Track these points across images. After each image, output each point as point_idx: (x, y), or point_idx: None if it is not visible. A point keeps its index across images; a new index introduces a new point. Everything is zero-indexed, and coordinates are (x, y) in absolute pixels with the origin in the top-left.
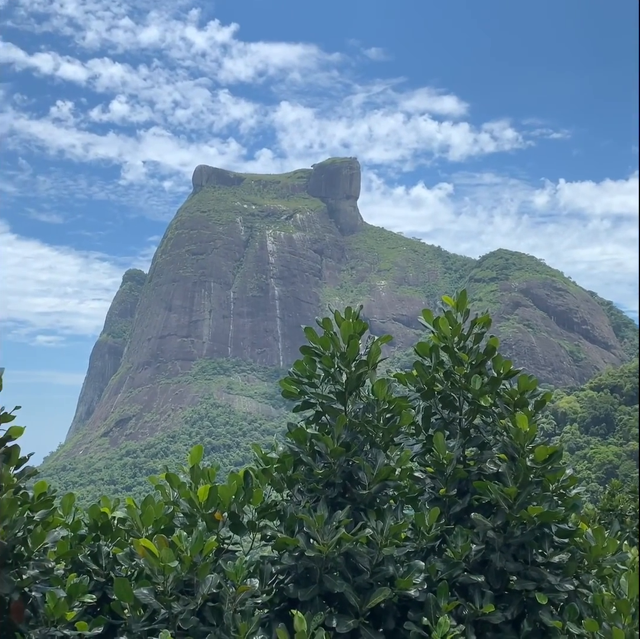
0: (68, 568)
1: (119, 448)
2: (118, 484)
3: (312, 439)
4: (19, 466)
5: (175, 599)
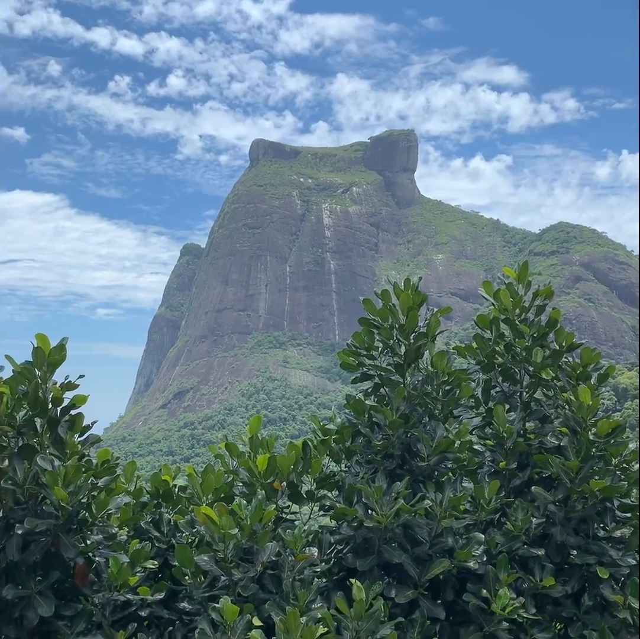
0: (130, 534)
1: (177, 420)
2: (176, 455)
3: (371, 410)
4: (83, 434)
5: (235, 567)
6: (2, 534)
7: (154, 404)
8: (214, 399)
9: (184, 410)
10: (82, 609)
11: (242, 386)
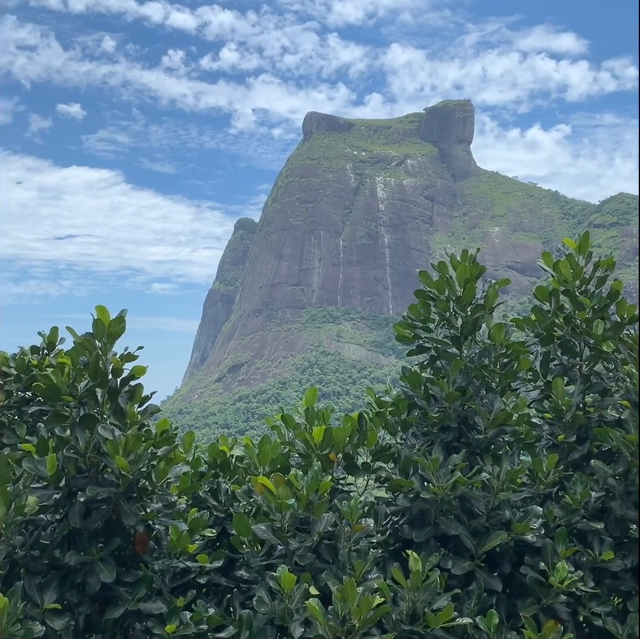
0: (189, 503)
1: (232, 393)
2: (232, 428)
3: (427, 383)
4: (142, 404)
5: (292, 536)
6: (64, 501)
7: (209, 377)
8: (268, 373)
9: (239, 384)
10: (143, 576)
11: (295, 360)
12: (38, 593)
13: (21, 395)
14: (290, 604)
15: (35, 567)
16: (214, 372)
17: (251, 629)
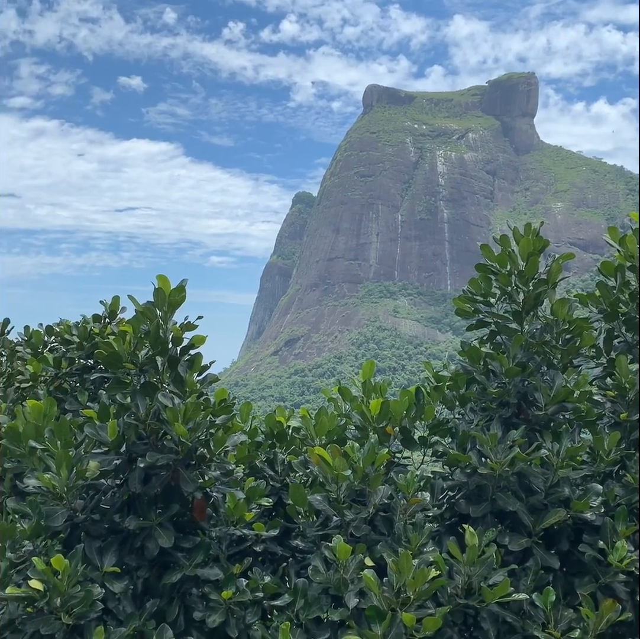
0: (246, 472)
1: (287, 367)
2: (287, 401)
3: (486, 358)
4: (201, 373)
5: (348, 507)
6: (125, 467)
7: (266, 350)
8: (324, 347)
9: (295, 357)
10: (200, 542)
11: (352, 335)
12: (98, 556)
13: (83, 363)
14: (345, 575)
15: (95, 531)
16: (270, 346)
17: (306, 598)
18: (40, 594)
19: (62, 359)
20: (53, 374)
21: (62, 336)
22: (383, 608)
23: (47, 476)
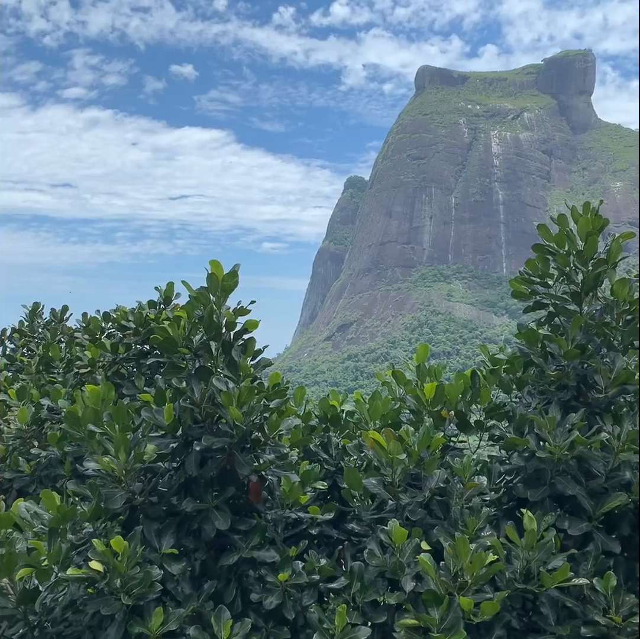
0: (300, 456)
1: (340, 352)
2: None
3: (544, 340)
4: (255, 358)
5: (403, 491)
6: (181, 450)
7: (319, 336)
8: (377, 332)
9: (348, 342)
10: (256, 525)
11: (405, 320)
12: (156, 538)
13: (139, 348)
14: (401, 558)
15: (153, 513)
16: (323, 331)
17: (362, 581)
18: (101, 575)
19: (119, 345)
20: (110, 360)
21: (118, 322)
22: (440, 592)
23: (106, 459)
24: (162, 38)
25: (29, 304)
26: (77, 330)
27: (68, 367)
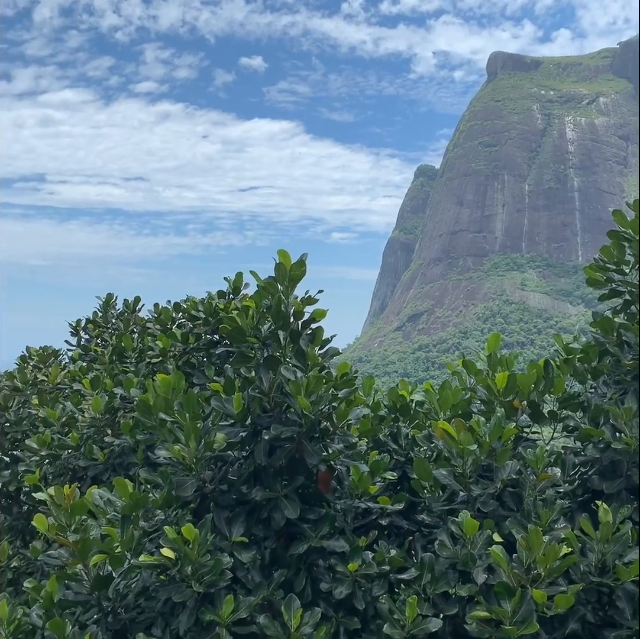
0: (369, 446)
1: (411, 342)
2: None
3: (620, 329)
4: (323, 347)
5: (474, 482)
6: (250, 439)
7: (389, 326)
8: (448, 322)
9: (419, 333)
10: (326, 514)
11: (477, 309)
12: (226, 526)
13: (209, 338)
14: (472, 550)
15: (223, 501)
16: (393, 321)
17: (433, 573)
18: (172, 562)
19: (189, 335)
20: (181, 349)
21: (189, 313)
22: (512, 584)
23: (177, 448)
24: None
25: (102, 296)
26: (149, 320)
27: (140, 357)
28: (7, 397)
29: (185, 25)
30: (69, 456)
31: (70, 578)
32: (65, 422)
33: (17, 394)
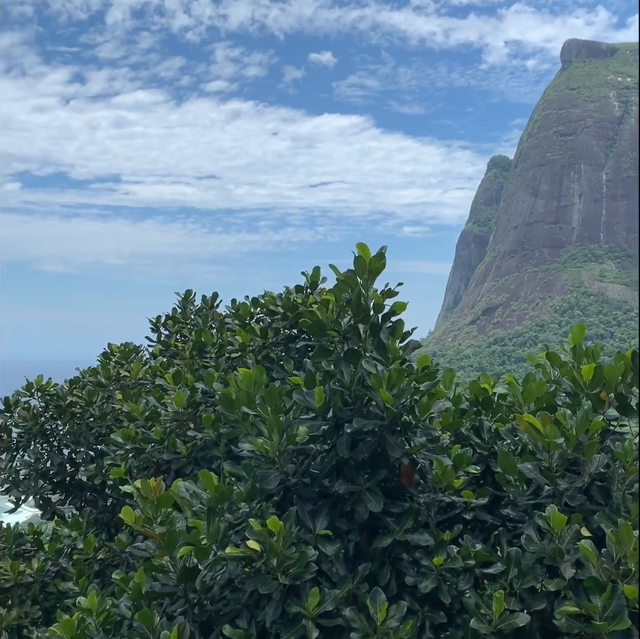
0: (451, 440)
1: (486, 336)
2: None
3: None
4: (403, 340)
5: (561, 476)
6: (332, 432)
7: (463, 320)
8: (524, 315)
9: (494, 326)
10: (409, 508)
11: (554, 302)
12: (310, 519)
13: (287, 332)
14: (560, 545)
15: (306, 494)
16: (467, 315)
17: (520, 567)
18: (258, 554)
19: (268, 330)
20: (260, 344)
21: (267, 307)
22: (602, 579)
23: (260, 441)
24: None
25: (181, 292)
26: (227, 316)
27: (220, 352)
28: (91, 393)
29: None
30: (152, 450)
31: (157, 570)
32: (148, 417)
33: (100, 390)
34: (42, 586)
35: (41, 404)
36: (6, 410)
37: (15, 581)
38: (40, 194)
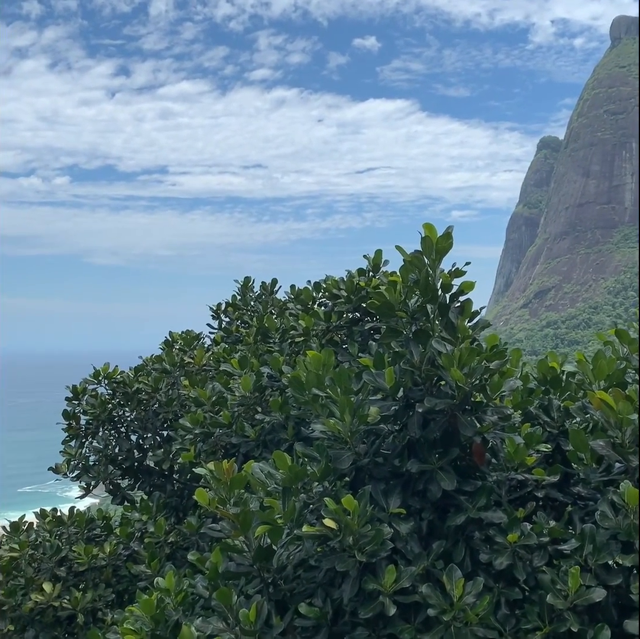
0: (521, 419)
1: (538, 319)
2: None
3: None
4: (472, 319)
5: (634, 453)
6: (403, 412)
7: (515, 303)
8: (577, 297)
9: (546, 309)
10: (482, 486)
11: (607, 283)
12: (383, 498)
13: (351, 316)
14: (635, 520)
15: (378, 473)
16: (519, 299)
17: (594, 543)
18: (334, 532)
19: (331, 313)
20: (324, 328)
21: (330, 291)
22: None
23: (332, 421)
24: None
25: (240, 279)
26: (289, 301)
27: (283, 336)
28: (157, 380)
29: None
30: (220, 434)
31: (232, 550)
32: (215, 402)
33: (165, 377)
34: (114, 570)
35: (108, 391)
36: (74, 398)
37: (89, 564)
38: (89, 187)
